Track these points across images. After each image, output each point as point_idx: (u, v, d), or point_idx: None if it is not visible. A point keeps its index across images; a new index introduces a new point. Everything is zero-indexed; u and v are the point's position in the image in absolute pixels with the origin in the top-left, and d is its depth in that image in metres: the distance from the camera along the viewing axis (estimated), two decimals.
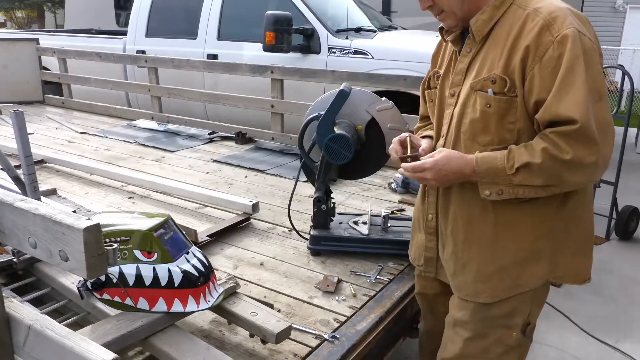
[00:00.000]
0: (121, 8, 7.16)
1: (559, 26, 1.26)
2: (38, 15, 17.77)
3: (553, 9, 1.30)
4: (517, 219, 1.41)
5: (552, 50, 1.26)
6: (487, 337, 1.48)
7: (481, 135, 1.39)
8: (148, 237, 1.41)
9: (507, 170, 1.34)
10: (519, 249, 1.42)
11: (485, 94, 1.37)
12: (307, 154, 2.10)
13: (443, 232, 1.55)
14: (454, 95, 1.48)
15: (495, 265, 1.44)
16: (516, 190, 1.35)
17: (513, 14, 1.35)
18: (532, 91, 1.30)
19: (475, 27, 1.40)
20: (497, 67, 1.35)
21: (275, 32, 4.11)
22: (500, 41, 1.36)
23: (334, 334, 1.56)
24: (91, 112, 5.06)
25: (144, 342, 1.39)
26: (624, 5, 13.03)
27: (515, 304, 1.45)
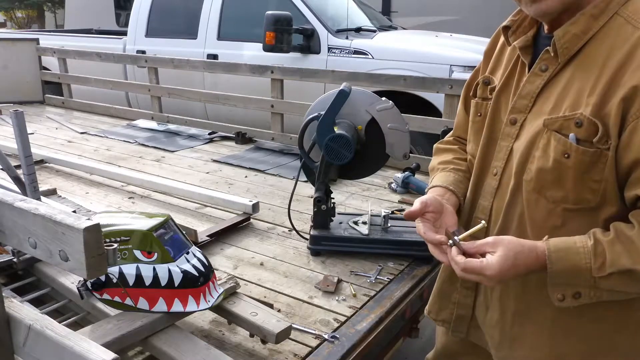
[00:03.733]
0: (121, 8, 7.16)
1: None
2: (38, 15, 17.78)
3: None
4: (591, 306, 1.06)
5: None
6: None
7: (552, 189, 1.06)
8: (148, 237, 1.41)
9: (594, 272, 1.00)
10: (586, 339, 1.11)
11: (564, 139, 1.02)
12: (307, 154, 2.10)
13: (488, 292, 1.23)
14: (514, 123, 1.13)
15: (553, 352, 1.14)
16: (600, 294, 1.03)
17: (617, 30, 1.00)
18: (630, 148, 0.97)
19: (561, 43, 1.04)
20: (587, 104, 1.00)
21: (275, 32, 4.12)
22: (594, 67, 1.01)
23: (334, 334, 1.56)
24: (91, 112, 5.06)
25: (144, 342, 1.39)
26: None
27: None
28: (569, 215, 1.06)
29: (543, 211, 1.09)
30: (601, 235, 1.01)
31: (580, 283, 1.03)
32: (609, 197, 1.02)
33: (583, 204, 1.04)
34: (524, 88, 1.12)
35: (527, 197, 1.11)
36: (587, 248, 1.00)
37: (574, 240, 1.02)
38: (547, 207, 1.08)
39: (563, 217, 1.07)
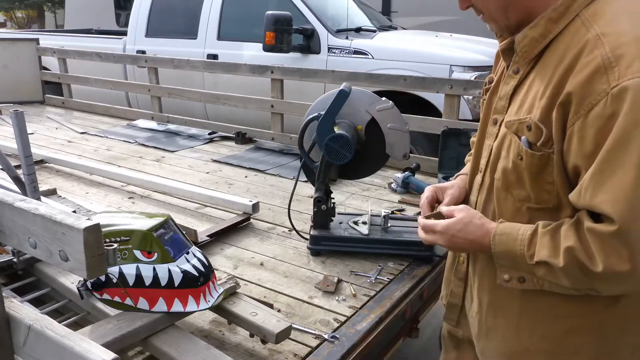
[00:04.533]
0: (121, 8, 7.16)
1: (623, 71, 0.88)
2: (38, 15, 17.78)
3: (624, 39, 0.91)
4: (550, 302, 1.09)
5: (602, 106, 0.90)
6: None
7: (517, 188, 1.09)
8: (148, 237, 1.41)
9: (527, 260, 1.04)
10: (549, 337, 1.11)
11: (518, 142, 1.05)
12: (307, 154, 2.10)
13: (472, 284, 1.27)
14: (495, 123, 1.16)
15: (520, 346, 1.15)
16: (541, 282, 1.07)
17: (574, 33, 0.99)
18: (570, 153, 0.98)
19: (520, 47, 1.07)
20: (537, 107, 1.01)
21: (275, 32, 4.12)
22: (549, 70, 1.01)
23: (334, 334, 1.56)
24: (91, 112, 5.06)
25: (144, 342, 1.39)
26: None
27: None
28: (534, 213, 1.08)
29: (511, 209, 1.13)
30: (542, 226, 1.04)
31: (521, 268, 1.07)
32: (564, 199, 1.03)
33: (542, 204, 1.06)
34: (502, 90, 1.16)
35: (497, 195, 1.15)
36: (525, 236, 1.04)
37: (519, 227, 1.07)
38: (515, 205, 1.11)
39: (529, 215, 1.10)
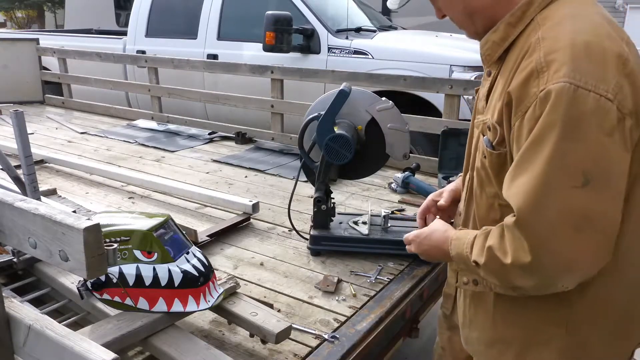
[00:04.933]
0: (121, 8, 7.16)
1: (550, 76, 0.93)
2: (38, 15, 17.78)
3: (558, 45, 0.95)
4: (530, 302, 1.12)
5: (533, 108, 0.95)
6: None
7: (488, 185, 1.14)
8: (148, 237, 1.41)
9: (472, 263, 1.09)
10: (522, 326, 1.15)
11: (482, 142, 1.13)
12: (307, 154, 2.10)
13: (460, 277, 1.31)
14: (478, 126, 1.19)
15: (497, 334, 1.20)
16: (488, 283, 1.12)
17: (527, 36, 1.03)
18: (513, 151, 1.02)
19: (483, 51, 1.12)
20: (495, 109, 1.07)
21: (275, 32, 4.12)
22: (506, 72, 1.05)
23: (334, 334, 1.56)
24: (91, 112, 5.06)
25: (144, 342, 1.39)
26: (624, 5, 13.04)
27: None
28: (505, 210, 1.08)
29: (485, 205, 1.17)
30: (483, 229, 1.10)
31: (472, 270, 1.12)
32: None
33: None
34: (480, 91, 1.21)
35: (474, 192, 1.21)
36: (470, 240, 1.11)
37: (470, 232, 1.14)
38: (488, 202, 1.15)
39: (501, 212, 1.12)
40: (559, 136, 0.92)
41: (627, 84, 0.94)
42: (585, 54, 0.93)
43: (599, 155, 0.92)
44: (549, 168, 0.93)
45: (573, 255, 0.96)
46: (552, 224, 0.94)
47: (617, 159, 0.93)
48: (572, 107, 0.91)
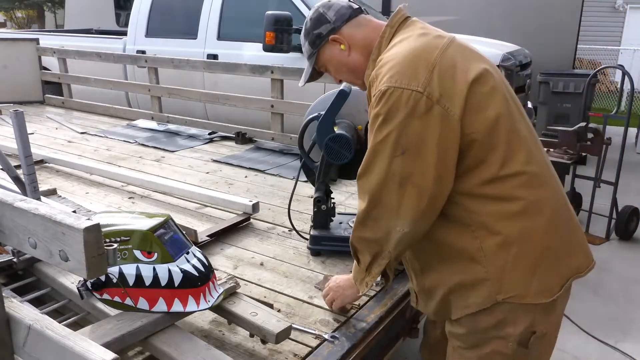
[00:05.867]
0: (121, 8, 7.15)
1: (378, 84, 1.32)
2: (38, 15, 17.76)
3: (384, 62, 1.35)
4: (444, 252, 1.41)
5: (370, 108, 1.36)
6: (481, 347, 1.43)
7: None
8: (148, 237, 1.41)
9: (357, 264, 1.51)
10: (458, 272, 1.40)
11: None
12: (307, 154, 2.10)
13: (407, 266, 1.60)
14: None
15: (447, 288, 1.43)
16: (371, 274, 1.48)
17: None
18: None
19: (368, 83, 1.45)
20: None
21: (275, 32, 4.11)
22: None
23: (334, 334, 1.56)
24: (91, 112, 5.06)
25: (144, 342, 1.39)
26: (624, 5, 13.03)
27: (503, 315, 1.37)
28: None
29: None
30: None
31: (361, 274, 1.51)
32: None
33: None
34: None
35: None
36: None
37: None
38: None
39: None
40: (381, 122, 1.30)
41: (435, 78, 1.27)
42: (401, 63, 1.30)
43: (410, 133, 1.28)
44: (375, 144, 1.32)
45: (397, 203, 1.32)
46: (380, 180, 1.32)
47: (427, 134, 1.27)
48: (389, 101, 1.28)
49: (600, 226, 4.44)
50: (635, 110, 8.67)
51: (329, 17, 1.51)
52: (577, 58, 8.09)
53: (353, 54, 1.50)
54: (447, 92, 1.28)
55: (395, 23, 1.45)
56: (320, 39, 1.53)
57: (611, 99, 10.68)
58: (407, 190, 1.30)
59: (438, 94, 1.27)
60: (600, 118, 4.83)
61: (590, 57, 11.59)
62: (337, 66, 1.55)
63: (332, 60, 1.54)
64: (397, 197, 1.31)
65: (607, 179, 4.28)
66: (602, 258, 4.08)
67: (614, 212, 4.38)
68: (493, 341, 1.41)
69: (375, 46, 1.46)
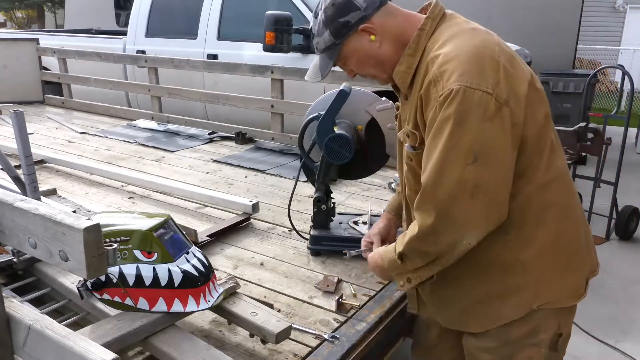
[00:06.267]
0: (121, 8, 7.15)
1: (444, 84, 1.19)
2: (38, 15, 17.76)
3: (446, 59, 1.22)
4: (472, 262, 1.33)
5: (434, 110, 1.22)
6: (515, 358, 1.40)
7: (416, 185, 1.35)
8: (148, 237, 1.41)
9: (397, 259, 1.35)
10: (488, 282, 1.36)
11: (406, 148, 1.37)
12: (307, 154, 2.10)
13: None
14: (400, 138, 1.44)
15: (472, 299, 1.39)
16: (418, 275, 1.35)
17: (424, 59, 1.30)
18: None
19: (397, 80, 1.36)
20: (410, 120, 1.33)
21: (275, 32, 4.12)
22: (415, 91, 1.31)
23: (334, 334, 1.56)
24: (91, 112, 5.06)
25: (144, 342, 1.39)
26: (624, 5, 13.03)
27: (536, 322, 1.36)
28: None
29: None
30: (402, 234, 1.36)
31: (402, 271, 1.37)
32: None
33: None
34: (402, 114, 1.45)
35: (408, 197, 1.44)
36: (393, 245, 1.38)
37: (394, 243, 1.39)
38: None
39: None
40: (452, 126, 1.17)
41: (502, 79, 1.19)
42: (467, 62, 1.19)
43: (483, 138, 1.17)
44: (445, 151, 1.19)
45: (468, 216, 1.21)
46: (451, 192, 1.19)
47: (498, 138, 1.19)
48: (462, 103, 1.16)
49: (600, 226, 4.44)
50: (635, 110, 8.67)
51: (359, 3, 1.33)
52: (577, 58, 8.10)
53: (384, 46, 1.35)
54: (513, 94, 1.20)
55: (437, 16, 1.33)
56: (347, 28, 1.34)
57: (611, 99, 10.68)
58: (479, 201, 1.19)
59: (506, 95, 1.19)
60: (600, 118, 4.83)
61: (590, 57, 11.59)
62: (363, 59, 1.38)
63: (358, 52, 1.37)
64: (468, 210, 1.20)
65: (607, 179, 4.28)
66: (602, 258, 4.04)
67: (614, 212, 4.38)
68: (527, 349, 1.38)
69: (413, 39, 1.32)
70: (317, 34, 1.40)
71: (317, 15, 1.39)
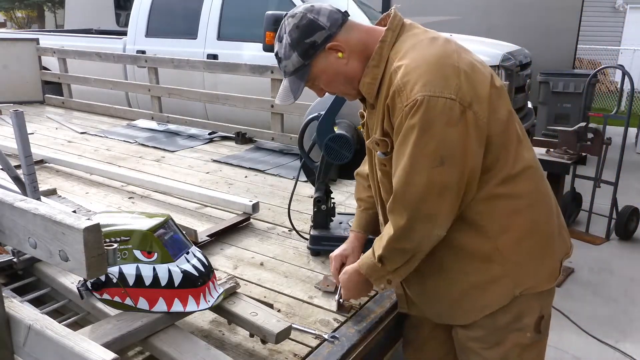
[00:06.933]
0: (121, 8, 7.16)
1: (407, 94, 1.25)
2: (38, 15, 17.77)
3: (408, 69, 1.27)
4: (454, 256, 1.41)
5: (400, 119, 1.27)
6: (503, 344, 1.46)
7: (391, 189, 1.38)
8: (148, 237, 1.41)
9: (378, 263, 1.41)
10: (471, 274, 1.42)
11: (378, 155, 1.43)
12: (307, 154, 2.10)
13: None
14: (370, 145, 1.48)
15: (458, 292, 1.45)
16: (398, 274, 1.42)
17: (388, 69, 1.34)
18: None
19: (364, 91, 1.40)
20: (377, 129, 1.38)
21: (275, 32, 4.11)
22: (381, 101, 1.36)
23: (334, 334, 1.56)
24: (91, 112, 5.06)
25: (144, 342, 1.39)
26: (624, 5, 13.03)
27: (519, 308, 1.42)
28: None
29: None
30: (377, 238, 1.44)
31: (382, 273, 1.43)
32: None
33: None
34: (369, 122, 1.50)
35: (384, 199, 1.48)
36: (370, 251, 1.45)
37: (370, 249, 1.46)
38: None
39: None
40: (418, 134, 1.24)
41: (464, 83, 1.25)
42: (428, 71, 1.25)
43: (448, 142, 1.24)
44: (412, 158, 1.26)
45: (437, 212, 1.30)
46: (420, 194, 1.28)
47: (463, 141, 1.25)
48: (426, 112, 1.22)
49: (600, 226, 4.44)
50: (635, 110, 8.67)
51: (322, 23, 1.37)
52: (577, 58, 8.10)
53: (351, 62, 1.39)
54: (475, 96, 1.26)
55: (397, 26, 1.39)
56: (314, 49, 1.37)
57: (611, 99, 10.68)
58: (446, 199, 1.29)
59: (469, 98, 1.25)
60: (600, 118, 4.84)
61: (590, 57, 11.59)
62: (332, 77, 1.42)
63: (327, 70, 1.41)
64: (436, 207, 1.30)
65: (607, 179, 4.28)
66: (602, 258, 4.08)
67: (614, 212, 4.38)
68: (513, 334, 1.45)
69: (375, 51, 1.37)
70: (284, 57, 1.41)
71: (281, 39, 1.41)
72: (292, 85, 1.44)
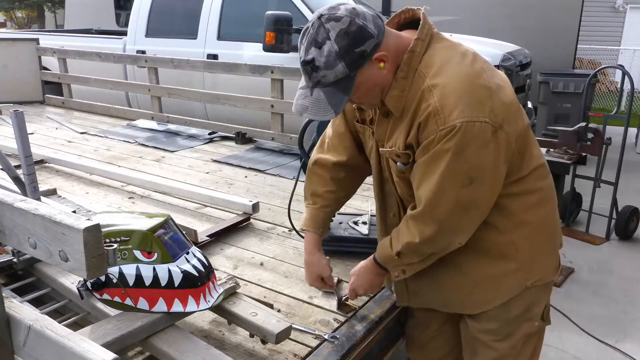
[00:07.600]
0: (121, 8, 7.15)
1: (445, 118, 1.23)
2: (38, 15, 17.75)
3: (445, 92, 1.24)
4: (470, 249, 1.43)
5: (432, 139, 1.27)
6: (514, 335, 1.52)
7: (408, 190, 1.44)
8: (148, 237, 1.41)
9: (395, 256, 1.45)
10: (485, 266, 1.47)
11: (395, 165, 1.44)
12: (307, 154, 2.10)
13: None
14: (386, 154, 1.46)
15: (471, 282, 1.49)
16: (413, 267, 1.46)
17: (416, 83, 1.30)
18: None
19: (391, 105, 1.35)
20: (400, 142, 1.36)
21: (275, 32, 4.11)
22: (406, 113, 1.34)
23: (333, 334, 1.56)
24: (91, 112, 5.06)
25: (144, 342, 1.39)
26: (624, 5, 13.03)
27: (531, 299, 1.49)
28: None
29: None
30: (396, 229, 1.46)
31: (397, 263, 1.47)
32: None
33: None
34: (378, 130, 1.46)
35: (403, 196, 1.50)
36: (387, 241, 1.47)
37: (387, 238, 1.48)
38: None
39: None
40: (451, 157, 1.25)
41: (496, 104, 1.26)
42: (464, 96, 1.24)
43: (479, 164, 1.27)
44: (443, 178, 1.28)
45: (462, 225, 1.36)
46: (449, 211, 1.32)
47: (491, 162, 1.29)
48: (462, 138, 1.23)
49: (600, 226, 4.44)
50: (635, 110, 8.67)
51: (371, 30, 1.25)
52: (577, 58, 8.09)
53: (388, 72, 1.31)
54: (506, 117, 1.28)
55: (426, 36, 1.32)
56: (364, 59, 1.25)
57: (611, 99, 10.68)
58: (472, 214, 1.35)
59: (500, 119, 1.26)
60: (600, 118, 4.84)
61: (590, 57, 11.59)
62: (370, 88, 1.32)
63: (367, 82, 1.30)
64: (462, 222, 1.35)
65: (607, 179, 4.28)
66: (602, 258, 4.08)
67: (614, 212, 4.38)
68: (523, 325, 1.51)
69: (404, 62, 1.30)
70: (324, 67, 1.24)
71: (320, 45, 1.23)
72: (331, 97, 1.28)
